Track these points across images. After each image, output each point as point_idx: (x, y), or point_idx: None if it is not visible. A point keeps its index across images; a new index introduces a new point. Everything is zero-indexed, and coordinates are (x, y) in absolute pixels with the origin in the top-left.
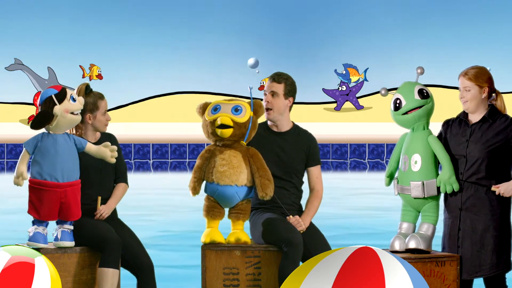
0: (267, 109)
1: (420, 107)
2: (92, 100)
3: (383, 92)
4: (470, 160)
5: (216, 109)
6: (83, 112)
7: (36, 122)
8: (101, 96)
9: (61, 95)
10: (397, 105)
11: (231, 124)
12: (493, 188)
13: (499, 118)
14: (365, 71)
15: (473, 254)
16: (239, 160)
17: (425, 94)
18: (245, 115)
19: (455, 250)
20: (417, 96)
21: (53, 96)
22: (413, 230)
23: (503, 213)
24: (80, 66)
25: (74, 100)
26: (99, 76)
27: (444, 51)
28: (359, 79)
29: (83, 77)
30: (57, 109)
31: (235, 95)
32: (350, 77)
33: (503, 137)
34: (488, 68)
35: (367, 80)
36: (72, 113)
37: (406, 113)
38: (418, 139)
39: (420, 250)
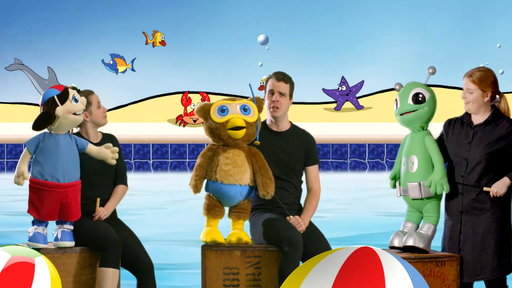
0: (275, 107)
1: (412, 111)
2: None
3: (397, 87)
4: (471, 163)
5: (223, 110)
6: None
7: (38, 123)
8: (90, 92)
9: (63, 96)
10: (397, 105)
11: (244, 124)
12: (485, 189)
13: (502, 121)
14: (132, 61)
15: (474, 257)
16: (243, 159)
17: (420, 99)
18: (254, 115)
19: (456, 253)
20: (410, 101)
21: (55, 97)
22: (415, 230)
23: (504, 215)
24: (143, 32)
25: (76, 100)
26: (162, 43)
27: (451, 51)
28: (126, 69)
29: (146, 43)
30: (59, 110)
31: (234, 94)
32: (118, 67)
33: (506, 143)
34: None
35: (134, 70)
36: (74, 113)
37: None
38: (416, 141)
39: (418, 248)
